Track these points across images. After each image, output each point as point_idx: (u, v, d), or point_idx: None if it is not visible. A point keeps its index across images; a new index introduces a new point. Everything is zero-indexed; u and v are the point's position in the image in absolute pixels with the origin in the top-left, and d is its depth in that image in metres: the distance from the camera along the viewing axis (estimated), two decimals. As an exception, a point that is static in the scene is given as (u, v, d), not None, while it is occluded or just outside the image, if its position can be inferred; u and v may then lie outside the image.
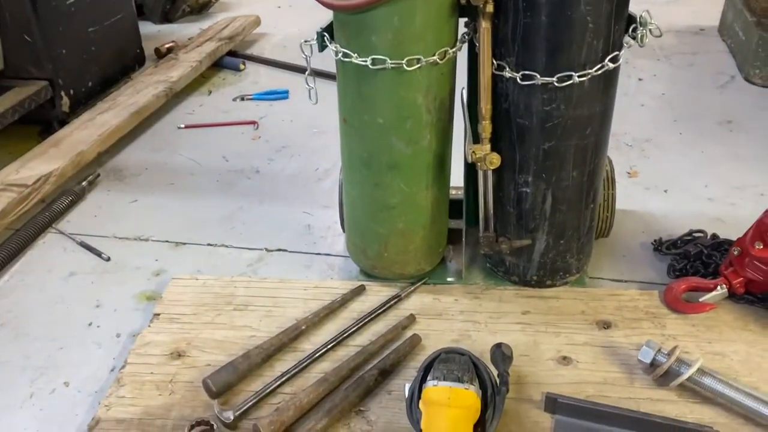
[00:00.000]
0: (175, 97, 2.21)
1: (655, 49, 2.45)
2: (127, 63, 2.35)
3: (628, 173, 1.72)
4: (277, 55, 2.56)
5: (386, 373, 1.13)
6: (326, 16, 1.14)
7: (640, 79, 2.23)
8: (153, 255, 1.52)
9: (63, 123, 1.99)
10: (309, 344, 1.21)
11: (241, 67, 2.46)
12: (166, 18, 2.95)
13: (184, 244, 1.55)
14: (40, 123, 2.04)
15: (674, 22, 2.71)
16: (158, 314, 1.29)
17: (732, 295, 1.25)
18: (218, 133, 2.05)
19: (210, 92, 2.32)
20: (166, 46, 2.52)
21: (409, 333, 1.22)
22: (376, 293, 1.32)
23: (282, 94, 2.26)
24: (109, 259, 1.50)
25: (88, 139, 1.86)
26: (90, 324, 1.33)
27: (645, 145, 1.85)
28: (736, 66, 2.27)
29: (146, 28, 2.82)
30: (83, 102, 2.10)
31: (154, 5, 2.92)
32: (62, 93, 2.02)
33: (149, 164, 1.89)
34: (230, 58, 2.50)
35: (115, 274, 1.47)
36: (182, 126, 2.08)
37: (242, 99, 2.25)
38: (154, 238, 1.57)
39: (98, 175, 1.81)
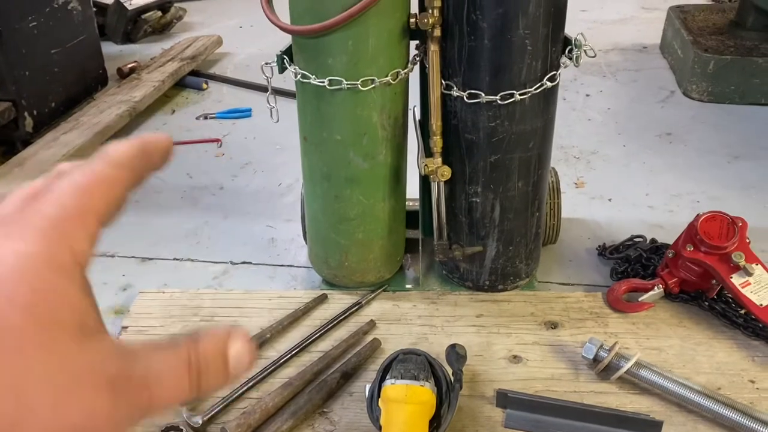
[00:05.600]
0: (138, 116, 2.25)
1: (601, 66, 2.58)
2: (89, 83, 2.38)
3: (575, 183, 1.82)
4: (240, 74, 2.62)
5: (348, 375, 1.19)
6: (286, 36, 1.21)
7: (587, 95, 2.35)
8: (120, 270, 1.55)
9: (27, 143, 2.02)
10: (274, 351, 1.26)
11: (204, 86, 2.51)
12: (128, 38, 2.99)
13: (151, 259, 1.59)
14: (3, 143, 2.05)
15: (620, 40, 2.85)
16: (126, 327, 1.33)
17: (668, 295, 1.35)
18: (182, 152, 2.09)
19: (173, 111, 2.37)
20: (129, 66, 2.56)
21: (369, 338, 1.28)
22: (338, 301, 1.38)
23: (245, 113, 2.32)
24: (76, 276, 1.53)
25: (53, 158, 1.89)
26: (58, 338, 1.36)
27: (591, 157, 1.96)
28: (676, 81, 2.41)
29: (108, 48, 2.85)
30: (47, 122, 2.12)
31: (116, 26, 2.96)
32: (26, 113, 2.04)
33: (114, 182, 1.92)
34: (193, 77, 2.55)
35: (82, 289, 1.50)
36: (146, 145, 2.12)
37: (205, 117, 2.30)
38: (120, 254, 1.61)
39: (63, 193, 1.83)
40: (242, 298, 1.40)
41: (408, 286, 1.44)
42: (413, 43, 1.25)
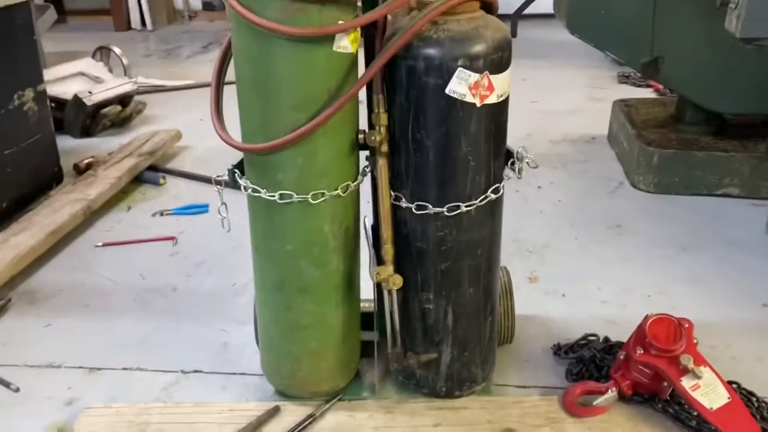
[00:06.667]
0: (93, 214, 2.22)
1: (552, 158, 2.67)
2: (44, 182, 2.36)
3: (529, 279, 1.85)
4: (198, 168, 2.63)
5: (300, 497, 1.15)
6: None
7: (539, 187, 2.42)
8: (66, 383, 1.49)
9: (-26, 246, 1.97)
10: (223, 471, 1.22)
11: (161, 181, 2.51)
12: (87, 132, 2.99)
13: (99, 369, 1.54)
14: (-51, 246, 2.01)
15: (570, 131, 2.97)
16: (68, 448, 1.27)
17: (622, 397, 1.35)
18: (136, 251, 2.07)
19: (129, 208, 2.35)
20: (85, 161, 2.55)
21: (323, 453, 1.25)
22: (291, 413, 1.35)
23: (202, 208, 2.32)
24: (18, 390, 1.47)
25: (1, 262, 1.84)
26: (-6, 463, 1.29)
27: (544, 251, 2.00)
28: (624, 172, 2.50)
29: (65, 142, 2.86)
30: (-3, 224, 2.09)
31: (74, 120, 2.97)
32: (-25, 216, 2.01)
33: (64, 285, 1.88)
34: (150, 172, 2.55)
35: (24, 405, 1.44)
36: (100, 244, 2.09)
37: (161, 214, 2.29)
38: (67, 364, 1.56)
39: (9, 299, 1.78)
40: (192, 412, 1.36)
41: (364, 393, 1.42)
42: (364, 154, 1.28)
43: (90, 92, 2.93)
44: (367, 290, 1.40)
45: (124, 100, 3.10)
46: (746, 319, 1.66)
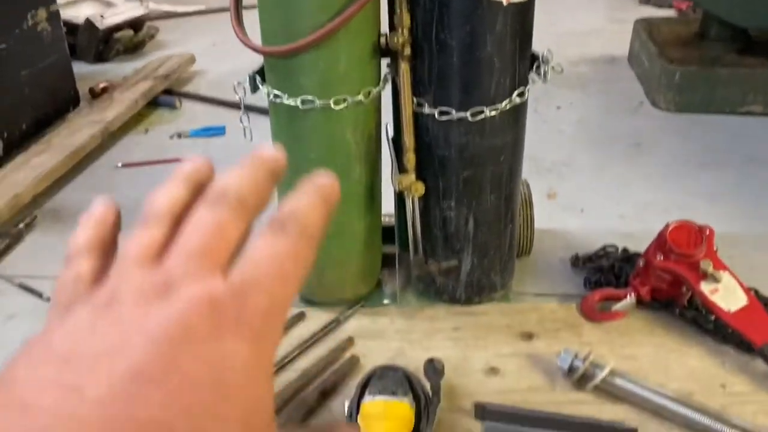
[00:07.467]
0: (111, 136, 2.24)
1: (571, 78, 2.63)
2: (61, 104, 2.36)
3: (548, 195, 1.85)
4: (213, 91, 2.62)
5: (327, 393, 1.20)
6: (258, 54, 1.21)
7: (558, 107, 2.40)
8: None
9: (-3, 166, 2.00)
10: (252, 371, 1.26)
11: (177, 105, 2.51)
12: (100, 57, 2.98)
13: (126, 281, 1.58)
14: (-28, 167, 2.03)
15: (589, 52, 2.91)
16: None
17: (640, 303, 1.38)
18: (156, 171, 2.09)
19: (147, 131, 2.36)
20: (101, 85, 2.55)
21: (347, 354, 1.29)
22: (317, 319, 1.38)
23: (218, 131, 2.32)
24: (49, 300, 1.52)
25: (24, 181, 1.87)
26: (32, 364, 1.34)
27: (563, 169, 1.99)
28: (644, 92, 2.47)
29: (79, 67, 2.83)
30: (17, 145, 2.11)
31: (87, 45, 2.95)
32: (-5, 136, 2.03)
33: (87, 204, 1.89)
34: (166, 96, 2.55)
35: (56, 314, 1.48)
36: (120, 165, 2.11)
37: (179, 136, 2.30)
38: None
39: (35, 217, 1.82)
40: (219, 318, 1.40)
41: (386, 301, 1.45)
42: (385, 61, 1.26)
43: (102, 16, 2.89)
44: (387, 204, 1.41)
45: (136, 24, 3.06)
46: (766, 232, 1.67)
